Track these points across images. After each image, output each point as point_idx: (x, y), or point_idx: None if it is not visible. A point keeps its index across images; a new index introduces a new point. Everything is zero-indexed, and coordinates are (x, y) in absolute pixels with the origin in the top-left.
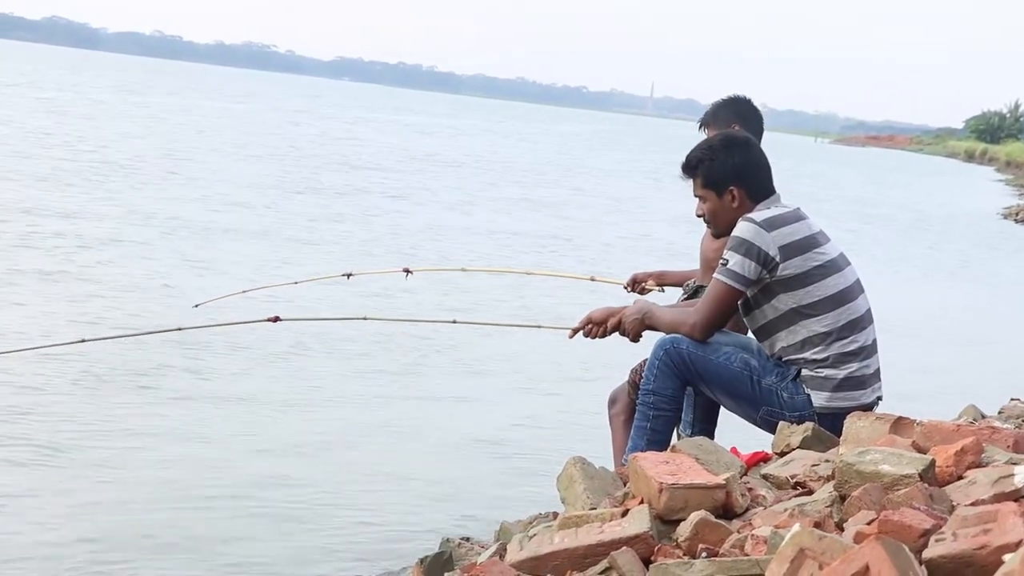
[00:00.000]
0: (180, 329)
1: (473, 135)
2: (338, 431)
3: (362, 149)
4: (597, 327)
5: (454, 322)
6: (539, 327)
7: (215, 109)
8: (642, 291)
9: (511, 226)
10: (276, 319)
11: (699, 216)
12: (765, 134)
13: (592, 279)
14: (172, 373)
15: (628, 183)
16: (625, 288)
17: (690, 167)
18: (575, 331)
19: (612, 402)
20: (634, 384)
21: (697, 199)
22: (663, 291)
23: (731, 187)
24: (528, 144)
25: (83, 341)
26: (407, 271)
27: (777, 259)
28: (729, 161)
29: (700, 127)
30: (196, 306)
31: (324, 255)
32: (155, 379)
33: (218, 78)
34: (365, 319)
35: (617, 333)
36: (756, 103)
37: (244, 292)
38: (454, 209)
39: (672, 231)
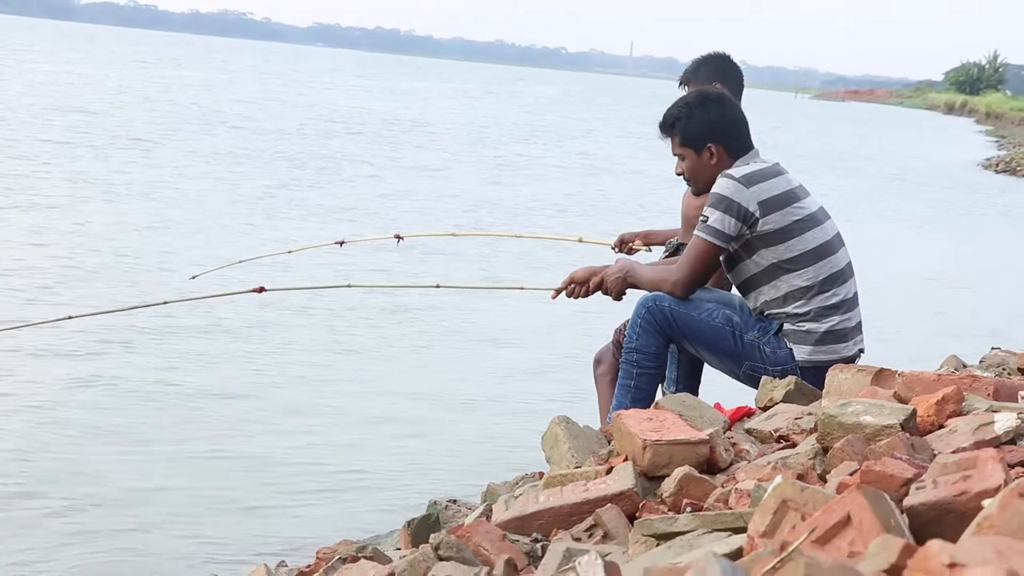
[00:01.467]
0: (166, 303)
1: (450, 98)
2: (322, 397)
3: (338, 115)
4: (580, 287)
5: (437, 287)
6: (521, 288)
7: (189, 78)
8: (630, 251)
9: (491, 190)
10: (261, 289)
11: (679, 175)
12: (745, 90)
13: (580, 240)
14: (154, 343)
15: (607, 143)
16: (613, 248)
17: (667, 126)
18: (558, 291)
19: (597, 362)
20: (618, 344)
21: (676, 158)
22: (650, 251)
23: (709, 144)
24: (506, 106)
25: (70, 318)
26: (398, 237)
27: (757, 215)
28: (706, 118)
29: (680, 85)
30: (193, 278)
31: (309, 223)
32: (142, 349)
33: (193, 47)
34: (349, 286)
35: (600, 292)
36: (736, 59)
37: (240, 262)
38: (435, 175)
39: (652, 190)
